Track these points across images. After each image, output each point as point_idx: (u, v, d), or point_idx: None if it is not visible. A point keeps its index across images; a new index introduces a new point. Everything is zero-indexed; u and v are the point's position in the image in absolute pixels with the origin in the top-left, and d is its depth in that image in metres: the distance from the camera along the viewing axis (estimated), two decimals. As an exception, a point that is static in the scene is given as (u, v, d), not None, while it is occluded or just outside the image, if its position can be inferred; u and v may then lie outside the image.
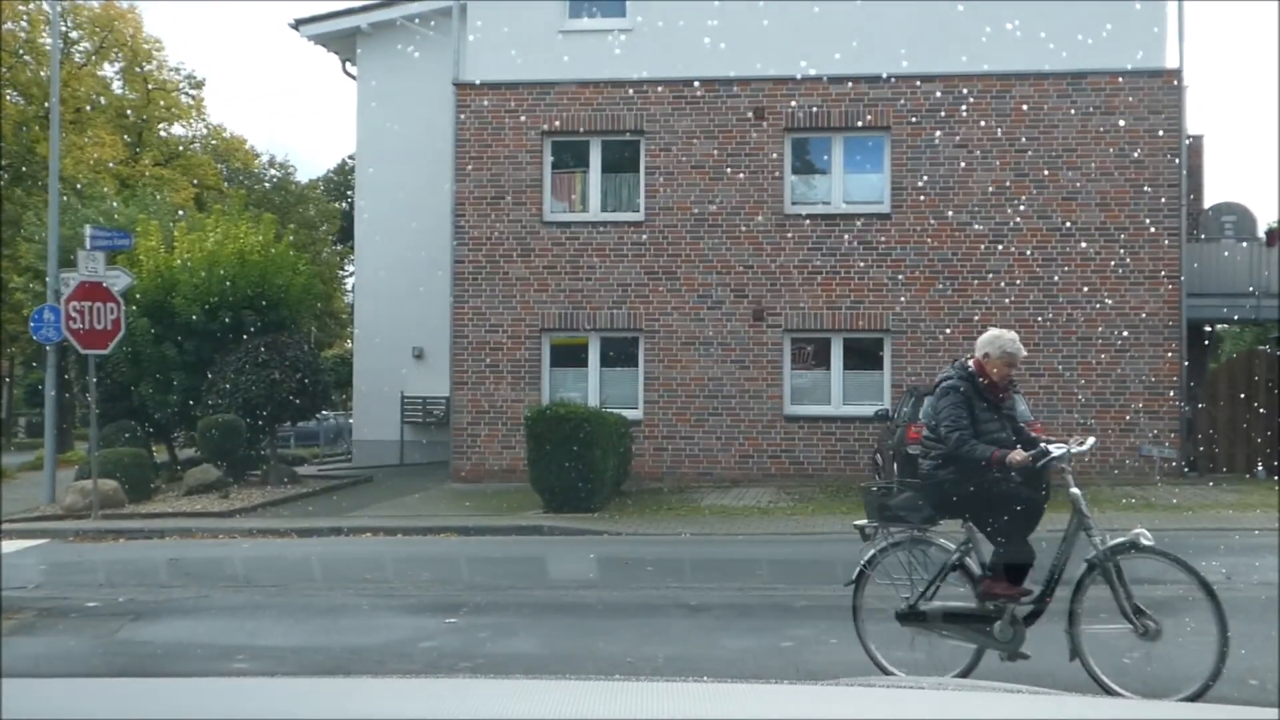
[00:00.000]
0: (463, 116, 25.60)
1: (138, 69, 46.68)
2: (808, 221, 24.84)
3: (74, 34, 45.30)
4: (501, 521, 20.04)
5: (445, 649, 10.64)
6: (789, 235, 24.78)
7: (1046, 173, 24.33)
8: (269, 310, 26.40)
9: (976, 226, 24.38)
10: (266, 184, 57.07)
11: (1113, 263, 24.12)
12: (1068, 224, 24.26)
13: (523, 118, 25.43)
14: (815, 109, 24.79)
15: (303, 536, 19.54)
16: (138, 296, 25.51)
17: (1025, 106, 24.41)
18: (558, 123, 25.39)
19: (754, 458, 24.77)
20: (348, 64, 31.96)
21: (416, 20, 29.88)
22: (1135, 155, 24.17)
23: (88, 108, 43.75)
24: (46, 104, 33.07)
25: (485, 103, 25.50)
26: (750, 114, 24.94)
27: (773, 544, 17.55)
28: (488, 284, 25.42)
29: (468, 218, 25.51)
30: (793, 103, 24.85)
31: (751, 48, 24.64)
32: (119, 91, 47.53)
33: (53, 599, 13.73)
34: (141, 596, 13.65)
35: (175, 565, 15.98)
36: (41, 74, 41.44)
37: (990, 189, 24.41)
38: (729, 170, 24.94)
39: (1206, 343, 26.78)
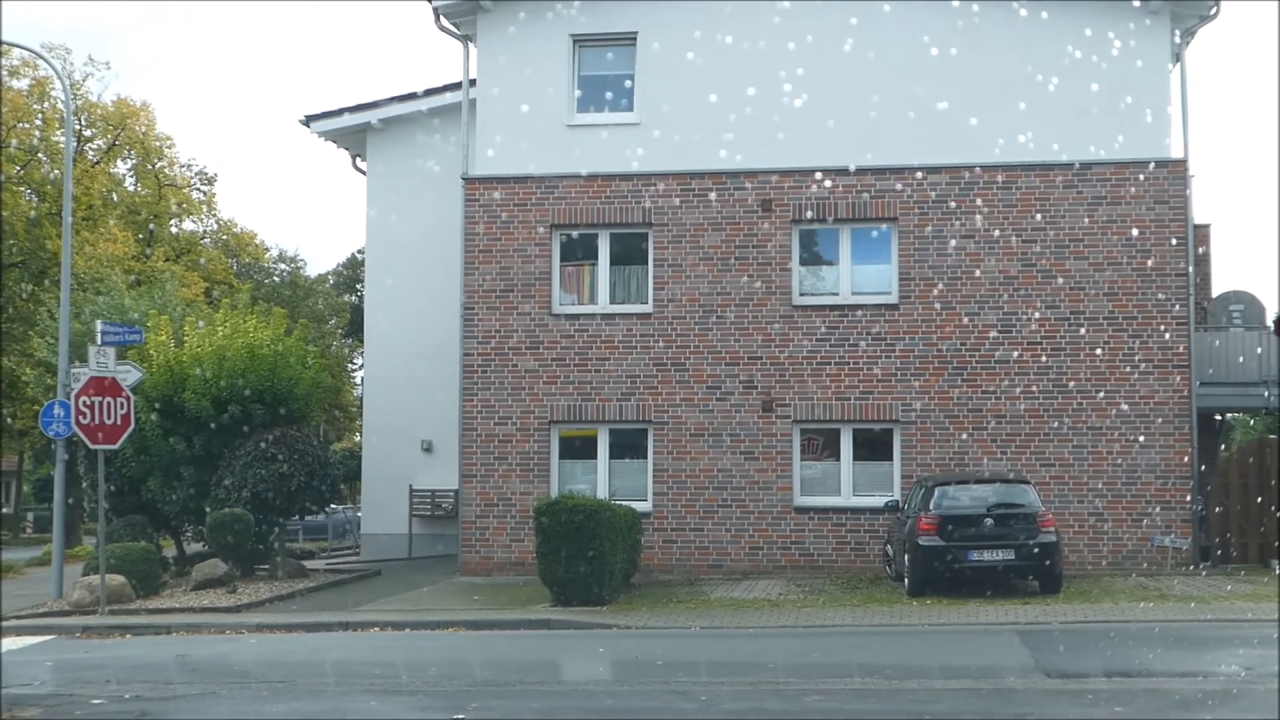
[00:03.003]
0: (471, 210, 25.77)
1: (149, 166, 47.13)
2: (816, 313, 24.89)
3: (87, 132, 45.79)
4: (510, 615, 19.91)
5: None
6: (798, 326, 24.84)
7: (1054, 263, 24.40)
8: (278, 404, 26.41)
9: (984, 317, 24.42)
10: (276, 278, 57.43)
11: (1121, 352, 24.11)
12: (1076, 314, 24.28)
13: (531, 211, 25.59)
14: (822, 201, 24.94)
15: (310, 632, 19.42)
16: (147, 391, 25.56)
17: (1032, 197, 24.53)
18: (566, 216, 25.55)
19: (764, 549, 24.63)
20: (358, 159, 32.24)
21: (428, 114, 30.18)
22: (1142, 245, 24.25)
23: (100, 204, 44.12)
24: (60, 201, 33.37)
25: (494, 197, 25.69)
26: (758, 206, 25.09)
27: (784, 637, 17.41)
28: (497, 376, 25.45)
29: (476, 311, 25.60)
30: (800, 195, 25.02)
31: (758, 141, 24.85)
32: (131, 188, 47.95)
33: (59, 696, 13.62)
34: (148, 694, 13.54)
35: (182, 661, 15.87)
36: (54, 172, 41.84)
37: (998, 279, 24.47)
38: (737, 262, 25.06)
39: (1217, 432, 26.67)
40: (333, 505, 34.32)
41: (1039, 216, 24.48)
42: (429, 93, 30.61)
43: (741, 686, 13.01)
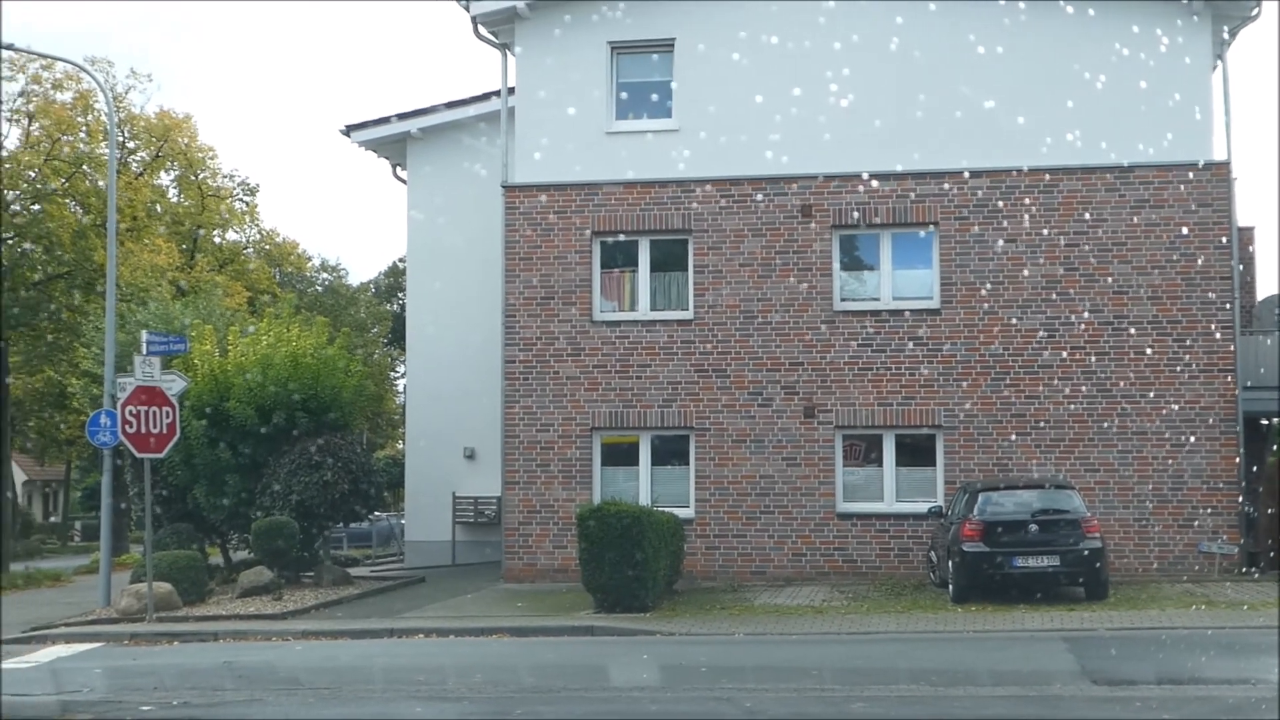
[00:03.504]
0: (512, 218, 25.84)
1: (192, 177, 47.46)
2: (858, 318, 24.82)
3: (131, 144, 46.18)
4: (554, 622, 19.93)
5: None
6: (839, 331, 24.77)
7: (1097, 266, 24.24)
8: (322, 412, 26.53)
9: (1028, 320, 24.29)
10: (318, 287, 57.72)
11: (1167, 356, 23.93)
12: (1120, 317, 24.12)
13: (572, 218, 25.64)
14: (863, 205, 24.88)
15: (356, 638, 19.51)
16: (193, 400, 25.74)
17: (1075, 199, 24.39)
18: (607, 223, 25.57)
19: (807, 555, 24.57)
20: (398, 168, 32.39)
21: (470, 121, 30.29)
22: (1187, 247, 24.08)
23: (144, 215, 44.47)
24: (105, 213, 33.65)
25: (534, 204, 25.75)
26: (799, 211, 25.06)
27: (828, 644, 17.36)
28: (538, 384, 25.49)
29: (518, 318, 25.66)
30: (842, 199, 24.97)
31: (798, 146, 24.82)
32: (174, 199, 48.31)
33: (108, 703, 13.73)
34: (196, 700, 13.64)
35: (229, 668, 15.96)
36: (99, 184, 42.19)
37: (1041, 283, 24.34)
38: (778, 268, 25.02)
39: (1265, 436, 26.37)
40: (377, 513, 34.48)
41: (1083, 219, 24.33)
42: (468, 101, 30.73)
43: (786, 693, 12.98)
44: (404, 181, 32.19)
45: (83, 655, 18.52)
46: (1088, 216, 24.33)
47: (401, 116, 31.28)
